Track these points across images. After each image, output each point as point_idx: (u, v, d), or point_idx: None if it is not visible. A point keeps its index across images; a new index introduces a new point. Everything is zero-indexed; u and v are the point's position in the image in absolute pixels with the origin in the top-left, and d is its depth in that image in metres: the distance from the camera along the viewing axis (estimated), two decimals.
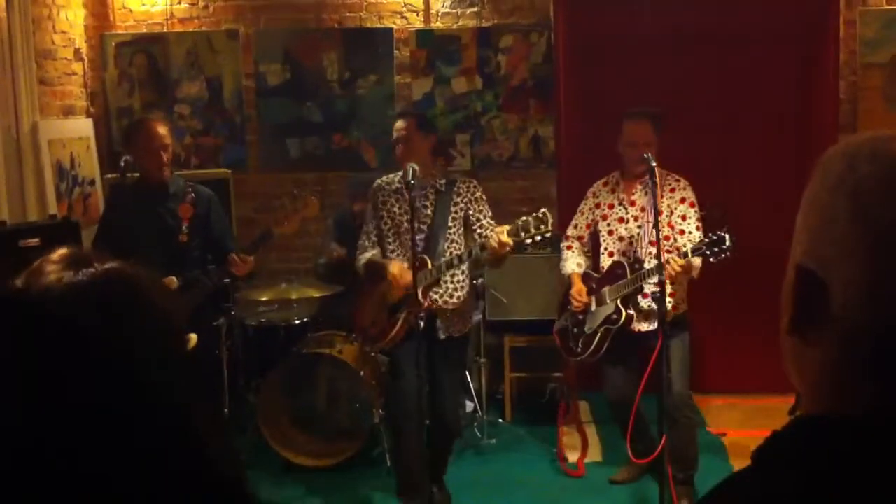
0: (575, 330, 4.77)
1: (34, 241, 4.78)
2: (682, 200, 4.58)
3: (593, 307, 4.69)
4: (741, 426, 5.66)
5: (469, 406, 5.75)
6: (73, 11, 6.05)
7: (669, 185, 4.60)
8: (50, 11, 5.76)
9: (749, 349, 6.11)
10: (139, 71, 6.39)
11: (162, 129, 4.64)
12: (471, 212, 4.43)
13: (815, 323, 0.90)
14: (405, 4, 6.31)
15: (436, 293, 4.34)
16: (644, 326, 4.58)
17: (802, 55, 6.05)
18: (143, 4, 6.35)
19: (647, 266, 4.47)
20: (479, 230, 4.41)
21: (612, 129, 6.04)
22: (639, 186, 4.65)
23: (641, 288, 4.52)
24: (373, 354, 4.87)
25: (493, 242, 4.00)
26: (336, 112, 6.40)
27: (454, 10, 6.30)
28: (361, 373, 5.05)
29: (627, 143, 4.61)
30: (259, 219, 6.24)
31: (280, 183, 6.41)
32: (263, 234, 4.64)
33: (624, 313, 4.55)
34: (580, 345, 4.73)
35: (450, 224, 4.39)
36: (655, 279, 4.17)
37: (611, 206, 4.74)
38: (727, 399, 6.01)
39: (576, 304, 4.72)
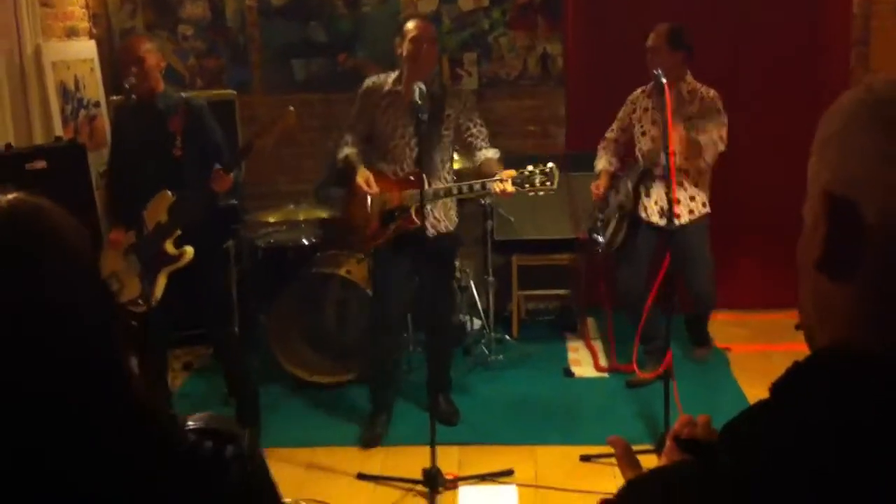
0: (599, 223, 5.13)
1: (41, 164, 4.78)
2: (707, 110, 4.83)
3: (612, 198, 5.04)
4: (746, 341, 5.71)
5: (476, 323, 5.81)
6: None
7: (700, 96, 4.86)
8: None
9: (752, 266, 6.15)
10: None
11: (138, 45, 4.43)
12: (461, 121, 4.46)
13: (848, 255, 0.83)
14: None
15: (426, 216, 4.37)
16: (661, 221, 4.82)
17: None
18: None
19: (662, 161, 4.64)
20: (469, 139, 4.46)
21: (621, 46, 6.01)
22: (672, 92, 4.80)
23: (649, 172, 4.90)
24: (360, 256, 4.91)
25: (497, 188, 4.07)
26: (341, 32, 6.32)
27: None
28: (370, 292, 5.08)
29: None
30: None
31: (285, 105, 6.33)
32: (242, 148, 4.49)
33: (632, 197, 4.94)
34: (599, 235, 5.11)
35: (443, 133, 4.44)
36: (663, 164, 4.36)
37: (645, 111, 5.03)
38: (731, 315, 6.01)
39: (593, 193, 5.10)
